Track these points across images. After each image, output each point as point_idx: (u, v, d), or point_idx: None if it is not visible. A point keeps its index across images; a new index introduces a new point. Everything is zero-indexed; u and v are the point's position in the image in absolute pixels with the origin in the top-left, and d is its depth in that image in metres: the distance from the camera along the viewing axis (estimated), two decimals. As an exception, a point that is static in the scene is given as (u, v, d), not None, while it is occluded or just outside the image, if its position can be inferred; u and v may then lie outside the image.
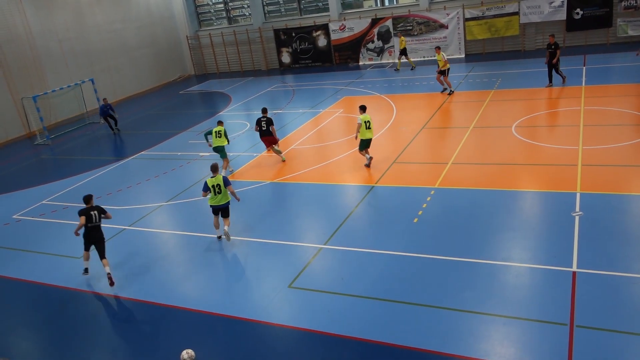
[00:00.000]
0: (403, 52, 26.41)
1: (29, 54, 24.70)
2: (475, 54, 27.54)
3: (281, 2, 32.74)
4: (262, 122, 15.26)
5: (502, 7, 26.05)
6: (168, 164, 17.33)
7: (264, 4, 32.89)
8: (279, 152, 15.79)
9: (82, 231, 10.36)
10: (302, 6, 32.14)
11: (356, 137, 14.12)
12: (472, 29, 27.08)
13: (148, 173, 16.70)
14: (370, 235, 10.75)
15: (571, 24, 25.38)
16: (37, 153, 21.77)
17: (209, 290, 9.81)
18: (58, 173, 18.37)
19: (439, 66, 20.74)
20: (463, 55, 27.59)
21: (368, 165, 14.23)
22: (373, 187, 13.05)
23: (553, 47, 18.84)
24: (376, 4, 30.82)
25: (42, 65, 25.36)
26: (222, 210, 11.18)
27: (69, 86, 25.28)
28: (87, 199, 10.51)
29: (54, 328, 9.41)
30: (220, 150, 14.89)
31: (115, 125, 22.91)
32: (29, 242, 12.89)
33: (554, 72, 19.33)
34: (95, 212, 10.41)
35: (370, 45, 29.60)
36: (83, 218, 10.20)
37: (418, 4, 28.18)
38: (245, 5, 33.59)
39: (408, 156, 14.78)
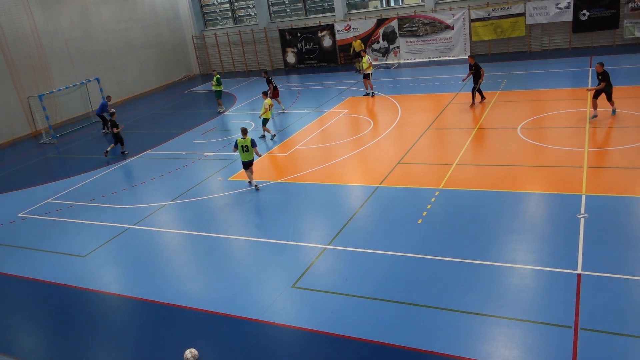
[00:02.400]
0: (357, 54, 26.92)
1: (35, 53, 24.80)
2: (481, 55, 27.45)
3: (286, 2, 32.75)
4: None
5: (508, 8, 25.97)
6: (173, 163, 17.36)
7: (270, 4, 32.91)
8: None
9: None
10: (307, 6, 32.13)
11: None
12: (478, 29, 27.02)
13: (153, 172, 16.73)
14: (374, 236, 10.73)
15: (577, 25, 25.27)
16: (42, 152, 21.86)
17: (212, 289, 9.81)
18: (63, 172, 18.44)
19: (362, 69, 22.25)
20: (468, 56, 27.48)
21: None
22: (377, 187, 13.03)
23: (474, 67, 18.46)
24: (382, 5, 30.78)
25: (48, 64, 25.46)
26: (248, 164, 13.88)
27: (74, 85, 25.36)
28: None
29: (58, 326, 9.44)
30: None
31: (105, 126, 22.64)
32: (34, 241, 12.94)
33: (477, 92, 18.68)
34: None
35: (376, 46, 29.57)
36: None
37: (424, 5, 28.14)
38: (251, 5, 33.62)
39: (413, 157, 14.76)
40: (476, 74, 18.50)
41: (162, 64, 33.20)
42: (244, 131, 13.81)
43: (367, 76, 22.19)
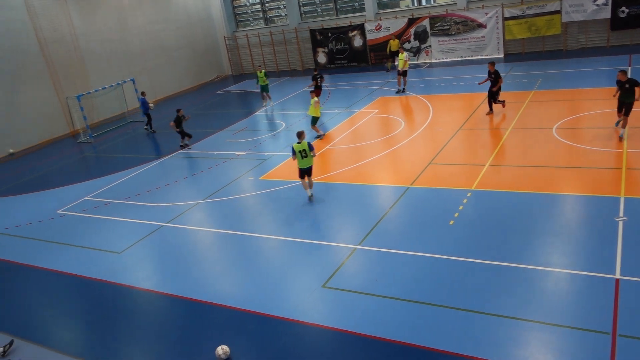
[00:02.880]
0: (394, 54, 27.16)
1: (73, 54, 25.52)
2: (514, 54, 26.98)
3: (317, 3, 32.82)
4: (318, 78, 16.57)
5: (543, 5, 25.42)
6: (205, 162, 17.63)
7: (300, 4, 33.04)
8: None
9: None
10: (338, 6, 32.14)
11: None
12: (512, 28, 26.53)
13: (185, 171, 17.02)
14: (405, 237, 10.66)
15: (616, 23, 24.55)
16: (80, 151, 22.48)
17: (243, 287, 9.92)
18: (100, 170, 18.93)
19: (398, 66, 22.56)
20: (502, 55, 27.07)
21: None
22: (408, 188, 12.94)
23: (493, 75, 17.36)
24: (413, 4, 30.55)
25: (85, 65, 26.17)
26: (306, 171, 12.78)
27: (111, 86, 25.99)
28: None
29: (92, 320, 9.69)
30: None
31: (148, 124, 23.42)
32: (71, 237, 13.32)
33: (493, 100, 17.69)
34: None
35: (407, 45, 29.36)
36: None
37: (456, 3, 27.80)
38: (282, 6, 33.83)
39: (444, 157, 14.61)
40: (494, 82, 17.39)
41: (195, 64, 33.71)
42: (300, 135, 12.86)
43: (403, 73, 22.66)
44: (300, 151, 12.55)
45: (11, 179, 19.60)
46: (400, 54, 22.73)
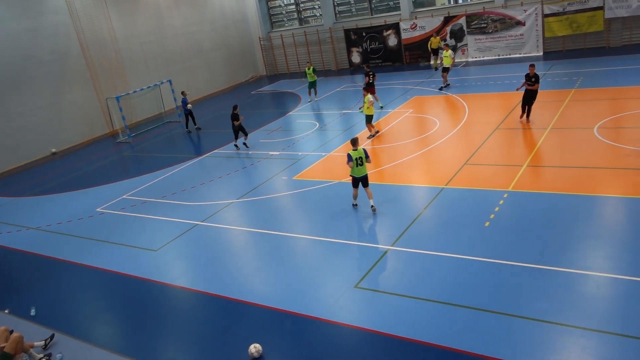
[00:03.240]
0: (435, 52, 27.48)
1: (113, 56, 26.20)
2: (555, 52, 26.27)
3: (352, 2, 32.74)
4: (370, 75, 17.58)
5: (585, 1, 24.65)
6: (239, 162, 17.80)
7: (335, 4, 33.02)
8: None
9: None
10: (372, 6, 31.98)
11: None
12: (552, 25, 25.84)
13: (220, 171, 17.23)
14: (439, 238, 10.50)
15: (663, 18, 23.63)
16: (119, 150, 23.05)
17: (276, 286, 9.96)
18: (137, 169, 19.36)
19: (443, 63, 22.85)
20: (541, 53, 26.40)
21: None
22: (443, 188, 12.75)
23: (533, 79, 15.99)
24: (449, 2, 30.12)
25: (124, 67, 26.82)
26: (362, 181, 12.07)
27: (148, 87, 26.55)
28: None
29: (128, 316, 9.91)
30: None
31: (194, 123, 23.78)
32: (110, 234, 13.66)
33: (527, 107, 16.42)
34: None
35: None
36: None
37: (493, 1, 27.25)
38: (316, 6, 33.88)
39: (480, 158, 14.33)
40: (533, 86, 16.08)
41: (230, 65, 34.12)
42: (355, 141, 12.01)
43: (446, 70, 22.94)
44: (356, 158, 11.79)
45: (53, 177, 20.26)
46: (445, 52, 23.01)
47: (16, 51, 22.29)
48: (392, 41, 30.67)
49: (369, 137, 17.73)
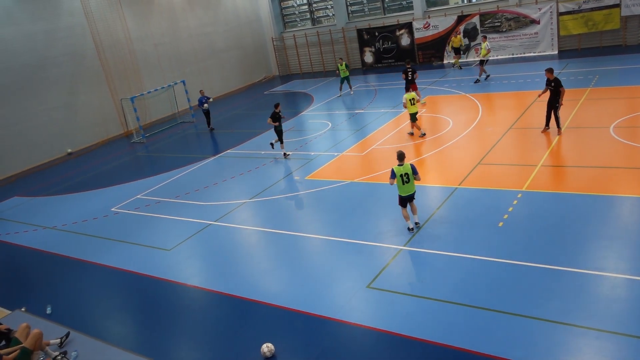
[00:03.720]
0: (457, 50, 27.52)
1: (127, 57, 26.45)
2: (570, 50, 25.98)
3: (365, 2, 32.69)
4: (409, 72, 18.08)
5: (600, -1, 24.37)
6: (252, 162, 17.87)
7: (348, 4, 32.99)
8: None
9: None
10: (385, 5, 31.90)
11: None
12: (567, 23, 25.56)
13: (233, 171, 17.31)
14: (452, 238, 10.45)
15: (681, 16, 23.26)
16: (133, 150, 23.26)
17: (289, 286, 9.99)
18: (151, 169, 19.52)
19: (480, 55, 23.05)
20: (556, 52, 26.13)
21: None
22: (456, 188, 12.68)
23: (553, 84, 14.60)
24: (462, 1, 29.94)
25: (139, 68, 27.06)
26: (410, 199, 10.99)
27: (162, 88, 26.76)
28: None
29: (142, 314, 10.00)
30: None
31: (208, 123, 24.03)
32: (125, 234, 13.79)
33: (553, 114, 14.89)
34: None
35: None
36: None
37: (507, 0, 27.05)
38: (329, 6, 33.88)
39: (494, 157, 14.23)
40: (555, 92, 14.58)
41: (243, 65, 34.26)
42: (401, 156, 10.84)
43: (482, 62, 23.12)
44: (401, 175, 10.71)
45: (69, 178, 20.51)
46: (483, 43, 22.99)
47: (32, 52, 22.60)
48: (405, 41, 30.57)
49: (409, 133, 17.53)
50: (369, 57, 32.35)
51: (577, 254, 9.11)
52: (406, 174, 10.75)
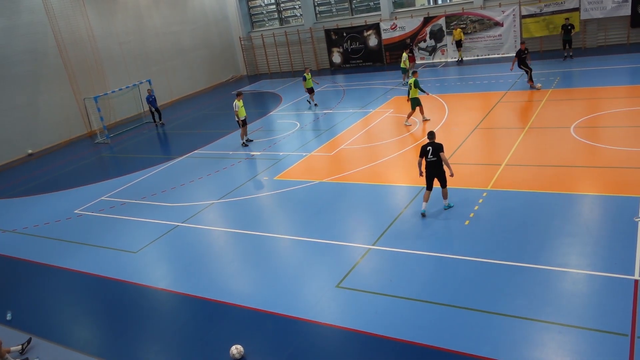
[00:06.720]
0: (459, 43, 27.65)
1: (91, 56, 25.84)
2: (532, 52, 26.61)
3: (332, 3, 32.81)
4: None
5: (561, 3, 25.07)
6: (220, 162, 17.71)
7: (315, 4, 33.05)
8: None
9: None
10: (353, 6, 32.09)
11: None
12: (529, 26, 26.22)
13: (200, 171, 17.11)
14: (419, 237, 10.58)
15: (636, 20, 24.11)
16: (97, 151, 22.75)
17: (258, 287, 9.93)
18: (116, 170, 19.13)
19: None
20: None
21: None
22: (423, 187, 12.82)
23: (526, 51, 20.22)
24: (428, 3, 30.37)
25: (103, 67, 26.48)
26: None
27: (127, 87, 26.26)
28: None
29: (108, 319, 9.79)
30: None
31: (159, 118, 24.99)
32: (89, 236, 13.47)
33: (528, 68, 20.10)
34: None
35: (422, 45, 29.19)
36: None
37: (472, 2, 27.56)
38: (297, 6, 33.87)
39: (459, 157, 14.48)
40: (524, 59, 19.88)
41: (211, 65, 33.92)
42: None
43: (405, 71, 24.11)
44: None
45: (29, 179, 19.91)
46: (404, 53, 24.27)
47: (-10, 50, 21.86)
48: (372, 41, 30.81)
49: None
50: (337, 58, 32.48)
51: (541, 250, 9.36)
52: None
